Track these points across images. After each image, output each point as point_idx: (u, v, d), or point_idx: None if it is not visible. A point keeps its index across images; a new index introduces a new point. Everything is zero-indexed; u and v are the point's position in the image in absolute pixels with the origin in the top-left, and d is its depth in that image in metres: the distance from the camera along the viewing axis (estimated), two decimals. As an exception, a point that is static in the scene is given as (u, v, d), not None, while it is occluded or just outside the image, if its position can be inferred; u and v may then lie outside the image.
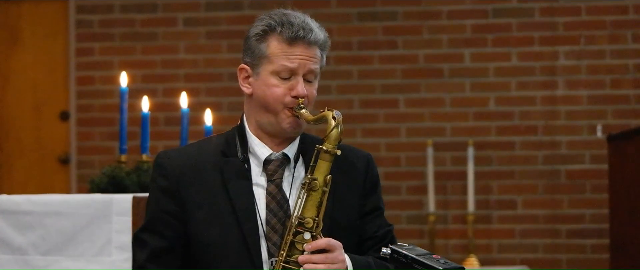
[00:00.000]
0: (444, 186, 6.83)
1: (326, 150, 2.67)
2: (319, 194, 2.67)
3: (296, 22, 2.74)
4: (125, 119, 4.21)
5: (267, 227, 2.72)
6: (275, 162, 2.77)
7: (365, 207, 2.84)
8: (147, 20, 7.04)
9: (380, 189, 2.92)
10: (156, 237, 2.75)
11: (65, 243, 3.80)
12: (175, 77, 6.97)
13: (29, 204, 3.84)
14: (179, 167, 2.76)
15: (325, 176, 2.67)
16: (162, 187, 2.76)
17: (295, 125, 2.75)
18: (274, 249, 2.71)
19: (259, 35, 2.75)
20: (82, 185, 6.86)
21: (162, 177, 2.77)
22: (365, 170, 2.86)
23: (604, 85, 6.76)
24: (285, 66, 2.72)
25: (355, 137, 6.79)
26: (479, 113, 6.83)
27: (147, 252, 2.76)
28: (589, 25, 6.78)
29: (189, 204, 2.74)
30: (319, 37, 2.78)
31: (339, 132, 2.67)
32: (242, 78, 2.81)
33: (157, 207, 2.77)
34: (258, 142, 2.78)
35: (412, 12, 6.89)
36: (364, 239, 2.83)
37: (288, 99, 2.73)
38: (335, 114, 2.68)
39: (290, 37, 2.73)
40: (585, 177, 6.74)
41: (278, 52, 2.73)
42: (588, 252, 6.73)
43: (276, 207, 2.74)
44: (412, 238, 6.70)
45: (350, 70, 6.88)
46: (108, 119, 6.95)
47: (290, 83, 2.73)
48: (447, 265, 2.59)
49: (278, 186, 2.76)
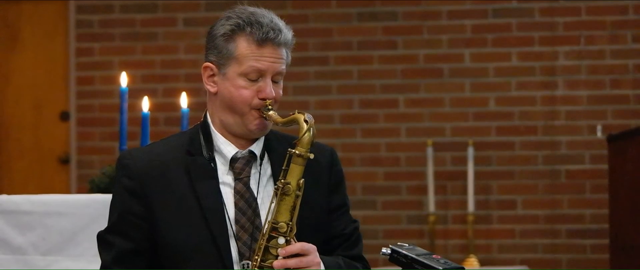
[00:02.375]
0: (444, 186, 6.83)
1: (299, 154, 2.62)
2: (292, 198, 2.62)
3: (265, 22, 2.68)
4: (125, 119, 4.20)
5: (236, 227, 2.69)
6: (241, 160, 2.74)
7: (331, 204, 2.80)
8: (147, 20, 7.04)
9: (345, 185, 2.87)
10: (121, 238, 2.71)
11: (65, 243, 3.80)
12: (175, 77, 6.97)
13: (29, 204, 3.84)
14: (143, 167, 2.72)
15: (298, 180, 2.63)
16: (127, 187, 2.71)
17: (262, 127, 2.72)
18: (244, 249, 2.68)
19: (226, 35, 2.70)
20: (82, 185, 6.86)
21: (126, 177, 2.72)
22: (330, 166, 2.82)
23: (604, 85, 6.76)
24: (254, 67, 2.68)
25: (355, 137, 6.79)
26: (479, 113, 6.83)
27: (113, 253, 2.71)
28: (589, 25, 6.78)
29: (155, 204, 2.69)
30: (287, 38, 2.71)
31: (311, 135, 2.62)
32: (206, 76, 2.75)
33: (122, 208, 2.72)
34: (224, 140, 2.75)
35: (412, 12, 6.89)
36: (331, 237, 2.80)
37: (256, 101, 2.69)
38: (307, 117, 2.64)
39: (259, 38, 2.67)
40: (585, 177, 6.74)
41: (247, 53, 2.68)
42: (588, 252, 6.73)
43: (245, 205, 2.71)
44: (412, 238, 6.70)
45: (350, 70, 6.88)
46: (108, 119, 6.96)
47: (258, 85, 2.69)
48: (447, 265, 2.59)
49: (246, 184, 2.72)
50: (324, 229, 2.78)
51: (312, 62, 6.87)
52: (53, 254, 3.80)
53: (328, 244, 2.78)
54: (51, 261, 3.80)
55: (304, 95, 6.83)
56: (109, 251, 2.72)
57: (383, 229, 6.83)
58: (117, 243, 2.71)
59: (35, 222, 3.80)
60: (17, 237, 3.82)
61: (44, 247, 3.80)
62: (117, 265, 2.71)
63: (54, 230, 3.79)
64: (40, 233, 3.80)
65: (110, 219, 2.76)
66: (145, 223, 2.70)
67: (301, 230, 2.66)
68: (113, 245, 2.72)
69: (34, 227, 3.81)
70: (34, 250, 3.82)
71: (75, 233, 3.79)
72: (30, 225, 3.81)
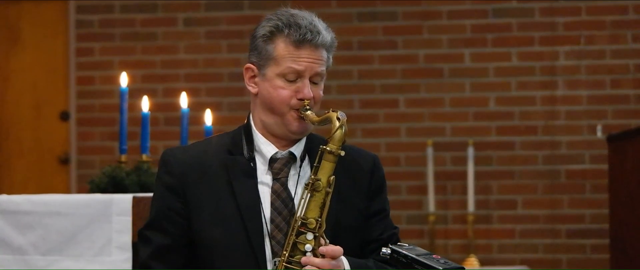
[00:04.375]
0: (444, 186, 6.83)
1: (330, 150, 2.66)
2: (322, 195, 2.65)
3: (304, 24, 2.72)
4: (125, 119, 4.20)
5: (271, 226, 2.72)
6: (281, 161, 2.77)
7: (370, 208, 2.83)
8: (147, 20, 7.04)
9: (386, 191, 2.91)
10: (160, 234, 2.75)
11: (65, 243, 3.80)
12: (175, 77, 6.97)
13: (29, 204, 3.84)
14: (184, 165, 2.76)
15: (328, 177, 2.66)
16: (167, 184, 2.76)
17: (301, 127, 2.75)
18: (277, 248, 2.70)
19: (266, 36, 2.74)
20: (82, 185, 6.86)
21: (167, 174, 2.76)
22: (371, 172, 2.86)
23: (604, 85, 6.76)
24: (292, 68, 2.72)
25: (356, 137, 6.79)
26: (479, 113, 6.83)
27: (151, 249, 2.76)
28: (589, 25, 6.78)
29: (194, 201, 2.73)
30: (326, 40, 2.75)
31: (343, 132, 2.66)
32: (248, 77, 2.80)
33: (162, 204, 2.76)
34: (264, 140, 2.78)
35: (412, 12, 6.89)
36: (368, 242, 2.82)
37: (294, 101, 2.72)
38: (339, 114, 2.67)
39: (297, 39, 2.71)
40: (585, 177, 6.74)
41: (285, 54, 2.72)
42: (588, 252, 6.73)
43: (281, 205, 2.74)
44: (412, 238, 6.70)
45: (350, 70, 6.88)
46: (108, 119, 6.96)
47: (296, 85, 2.73)
48: (447, 265, 2.59)
49: (283, 184, 2.75)
50: (361, 233, 2.80)
51: (312, 62, 6.86)
52: (53, 254, 3.80)
53: (365, 248, 2.81)
54: (51, 261, 3.80)
55: (304, 95, 6.83)
56: (147, 247, 2.77)
57: (383, 229, 6.83)
58: (155, 239, 2.75)
59: (35, 222, 3.80)
60: (17, 237, 3.82)
61: (44, 247, 3.80)
62: (155, 261, 2.75)
63: (54, 230, 3.79)
64: (40, 233, 3.80)
65: (150, 215, 2.80)
66: (183, 219, 2.74)
67: (337, 233, 2.70)
68: (151, 241, 2.76)
69: (34, 227, 3.81)
70: (34, 250, 3.81)
71: (75, 233, 3.79)
72: (30, 225, 3.81)
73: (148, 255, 2.76)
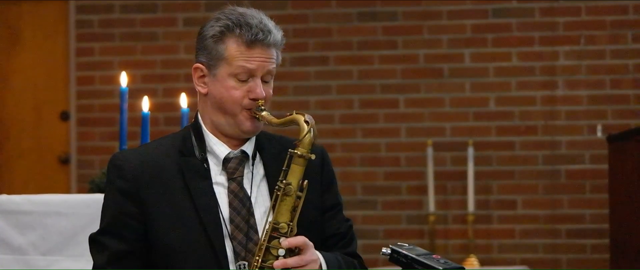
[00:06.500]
0: (444, 186, 6.83)
1: (300, 154, 2.64)
2: (293, 199, 2.64)
3: (254, 23, 2.70)
4: (125, 119, 4.20)
5: (231, 226, 2.69)
6: (234, 160, 2.75)
7: (325, 203, 2.81)
8: (147, 20, 7.04)
9: (337, 183, 2.88)
10: (116, 240, 2.70)
11: (65, 243, 3.80)
12: (175, 77, 6.97)
13: (29, 204, 3.84)
14: (137, 169, 2.71)
15: (298, 181, 2.64)
16: (121, 188, 2.71)
17: (254, 127, 2.73)
18: (239, 248, 2.68)
19: (216, 36, 2.73)
20: (82, 185, 6.85)
21: (120, 178, 2.72)
22: (321, 165, 2.83)
23: (604, 85, 6.76)
24: (244, 68, 2.70)
25: (356, 137, 6.78)
26: (479, 113, 6.83)
27: (106, 255, 2.71)
28: (589, 25, 6.78)
29: (150, 205, 2.69)
30: (277, 38, 2.73)
31: (312, 136, 2.65)
32: (196, 77, 2.81)
33: (116, 210, 2.71)
34: (216, 140, 2.76)
35: (412, 12, 6.89)
36: (327, 237, 2.81)
37: (246, 101, 2.71)
38: (307, 117, 2.66)
39: (249, 39, 2.69)
40: (585, 177, 6.74)
41: (237, 54, 2.71)
42: (588, 252, 6.73)
43: (239, 204, 2.72)
44: (412, 238, 6.70)
45: (350, 70, 6.88)
46: (108, 119, 6.95)
47: (248, 85, 2.71)
48: (447, 265, 2.59)
49: (239, 184, 2.73)
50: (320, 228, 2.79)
51: (312, 62, 6.87)
52: (53, 254, 3.81)
53: (324, 243, 2.79)
54: (51, 261, 3.80)
55: (304, 95, 6.83)
56: (102, 253, 2.72)
57: (383, 229, 6.83)
58: (111, 245, 2.71)
59: (35, 222, 3.81)
60: (17, 237, 3.83)
61: (44, 247, 3.80)
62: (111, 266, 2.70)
63: (54, 230, 3.79)
64: (40, 233, 3.80)
65: (103, 221, 2.75)
66: (139, 224, 2.70)
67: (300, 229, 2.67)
68: (106, 247, 2.71)
69: (34, 227, 3.81)
70: (34, 250, 3.82)
71: (75, 233, 3.79)
72: (30, 225, 3.81)
73: (105, 262, 2.71)
